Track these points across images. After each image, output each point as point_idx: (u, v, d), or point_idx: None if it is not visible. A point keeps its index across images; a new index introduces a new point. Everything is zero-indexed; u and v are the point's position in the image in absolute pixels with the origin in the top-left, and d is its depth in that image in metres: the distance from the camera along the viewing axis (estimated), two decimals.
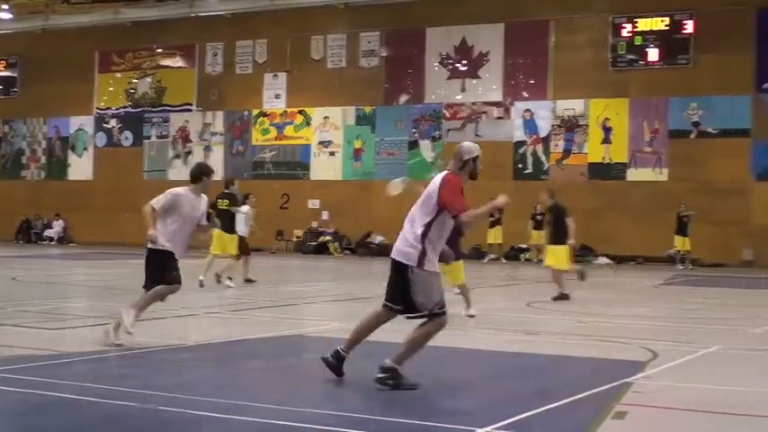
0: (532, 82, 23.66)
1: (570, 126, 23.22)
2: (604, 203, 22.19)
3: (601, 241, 22.00)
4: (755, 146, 21.96)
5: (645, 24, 22.49)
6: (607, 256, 22.04)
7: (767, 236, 21.24)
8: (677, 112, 22.50)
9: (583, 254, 22.46)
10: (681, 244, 20.71)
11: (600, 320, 10.03)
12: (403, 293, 5.32)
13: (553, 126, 23.40)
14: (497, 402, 5.46)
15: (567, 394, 5.48)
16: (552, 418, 4.90)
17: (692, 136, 22.41)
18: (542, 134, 23.46)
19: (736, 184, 21.75)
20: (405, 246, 5.33)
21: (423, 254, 5.28)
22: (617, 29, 22.70)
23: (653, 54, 22.46)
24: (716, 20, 21.82)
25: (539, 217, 19.86)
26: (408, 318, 5.43)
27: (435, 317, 5.30)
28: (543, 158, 23.36)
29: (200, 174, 7.01)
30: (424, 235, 5.34)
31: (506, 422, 4.56)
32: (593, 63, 22.99)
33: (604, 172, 22.77)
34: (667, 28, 22.37)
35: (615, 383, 5.93)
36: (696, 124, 22.27)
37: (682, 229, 20.49)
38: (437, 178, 5.53)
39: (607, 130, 22.86)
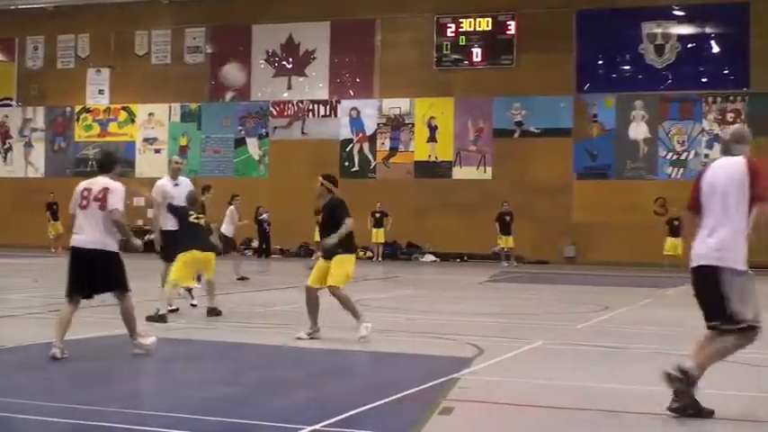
0: (359, 80, 23.95)
1: (396, 124, 23.51)
2: (430, 201, 22.44)
3: (426, 239, 22.24)
4: (576, 145, 22.57)
5: (469, 25, 22.95)
6: (433, 253, 22.17)
7: (587, 233, 21.93)
8: (501, 112, 23.04)
9: (409, 251, 22.57)
10: (504, 242, 20.98)
11: (427, 317, 10.33)
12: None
13: (379, 124, 23.69)
14: (325, 400, 5.57)
15: (394, 391, 5.64)
16: (380, 415, 5.06)
17: (516, 135, 22.89)
18: (369, 132, 23.70)
19: (558, 183, 22.30)
20: None
21: None
22: (441, 29, 23.15)
23: (477, 54, 22.92)
24: (538, 21, 22.48)
25: (378, 215, 21.12)
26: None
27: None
28: (370, 156, 23.50)
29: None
30: None
31: (334, 419, 4.70)
32: (418, 62, 23.32)
33: (430, 170, 23.03)
34: (490, 29, 22.86)
35: (442, 379, 6.19)
36: (519, 124, 22.81)
37: (504, 228, 20.80)
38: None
39: (433, 128, 23.23)
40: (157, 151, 24.94)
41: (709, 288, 5.19)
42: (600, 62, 22.94)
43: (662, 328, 10.45)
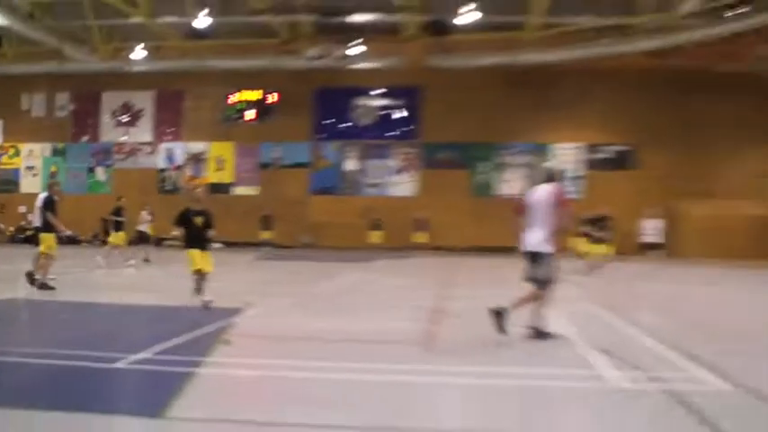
0: (173, 129, 33.72)
1: (197, 159, 33.64)
2: (219, 209, 32.11)
3: (217, 233, 32.53)
4: (311, 174, 33.29)
5: (246, 95, 32.69)
6: (222, 242, 32.39)
7: (319, 228, 31.49)
8: (266, 152, 33.23)
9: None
10: (267, 234, 30.63)
11: (213, 283, 10.71)
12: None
13: (186, 159, 33.68)
14: (134, 341, 7.08)
15: (189, 331, 7.56)
16: (180, 349, 6.69)
17: (274, 167, 33.24)
18: (178, 164, 33.91)
19: (301, 197, 32.69)
20: None
21: None
22: (227, 98, 32.54)
23: (251, 114, 32.34)
24: (290, 94, 31.62)
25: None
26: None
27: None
28: (178, 180, 33.78)
29: None
30: None
31: (142, 355, 6.32)
32: (212, 119, 32.69)
33: (219, 189, 32.45)
34: (260, 98, 32.26)
35: (222, 323, 8.25)
36: (277, 159, 33.38)
37: (266, 224, 30.81)
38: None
39: (220, 162, 33.51)
40: (35, 175, 33.77)
41: (535, 262, 8.02)
42: (328, 120, 32.33)
43: (371, 288, 14.51)
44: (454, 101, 30.60)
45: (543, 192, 8.12)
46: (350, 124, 32.71)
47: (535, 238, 8.02)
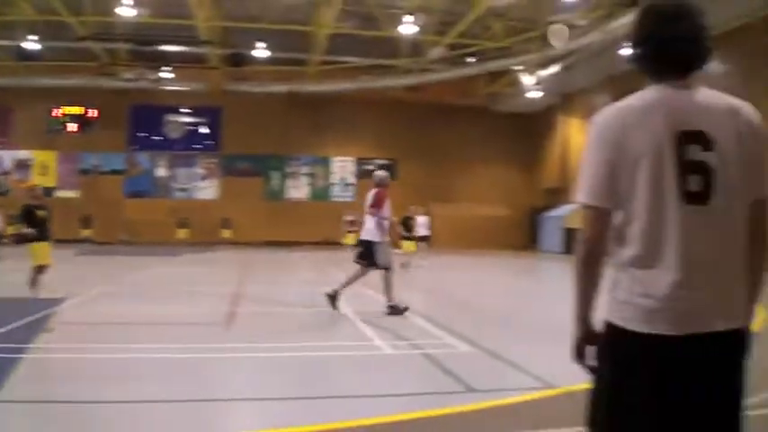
0: (3, 139, 35.94)
1: (23, 165, 36.57)
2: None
3: None
4: (126, 180, 37.78)
5: (69, 110, 35.72)
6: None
7: (134, 226, 34.90)
8: (86, 160, 37.25)
9: None
10: (88, 232, 34.23)
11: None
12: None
13: (13, 165, 36.82)
14: None
15: (14, 321, 7.77)
16: (3, 337, 7.02)
17: (93, 173, 37.46)
18: (5, 169, 37.01)
19: (117, 200, 37.01)
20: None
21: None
22: (52, 112, 36.15)
23: (73, 126, 36.04)
24: (110, 109, 35.34)
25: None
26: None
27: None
28: (7, 183, 36.75)
29: None
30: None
31: None
32: (38, 130, 36.10)
33: (46, 192, 36.93)
34: (81, 113, 35.93)
35: (46, 312, 8.64)
36: (96, 167, 37.29)
37: (86, 223, 34.52)
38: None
39: (44, 168, 36.78)
40: None
41: (367, 249, 9.69)
42: (142, 133, 36.77)
43: (179, 278, 15.29)
44: (250, 120, 36.27)
45: (372, 193, 10.01)
46: (161, 137, 37.42)
47: (366, 230, 9.90)
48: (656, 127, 2.07)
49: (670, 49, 2.14)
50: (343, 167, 38.85)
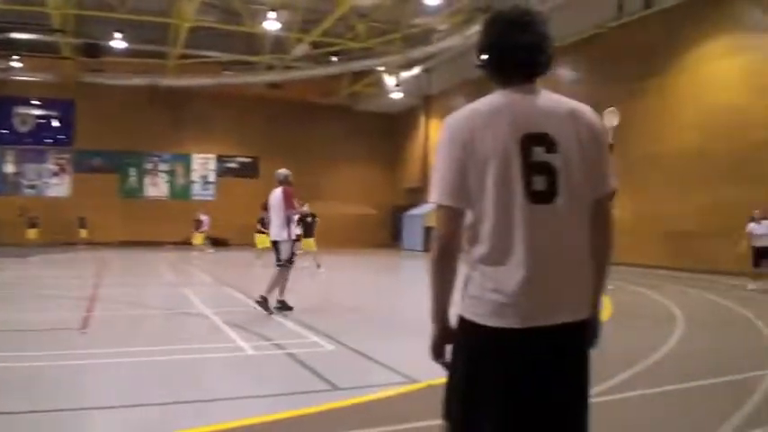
0: None
1: None
2: None
3: None
4: None
5: None
6: None
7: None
8: None
9: None
10: None
11: None
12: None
13: None
14: None
15: None
16: None
17: None
18: None
19: None
20: None
21: None
22: None
23: None
24: None
25: None
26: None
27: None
28: None
29: None
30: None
31: None
32: None
33: None
34: None
35: None
36: None
37: None
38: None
39: None
40: None
41: (276, 249, 9.86)
42: None
43: (31, 281, 14.53)
44: (106, 114, 34.51)
45: (277, 193, 10.02)
46: (8, 131, 35.08)
47: (275, 229, 9.92)
48: (503, 130, 2.15)
49: (514, 57, 2.24)
50: (203, 165, 37.97)
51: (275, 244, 9.90)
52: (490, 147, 2.13)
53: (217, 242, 33.24)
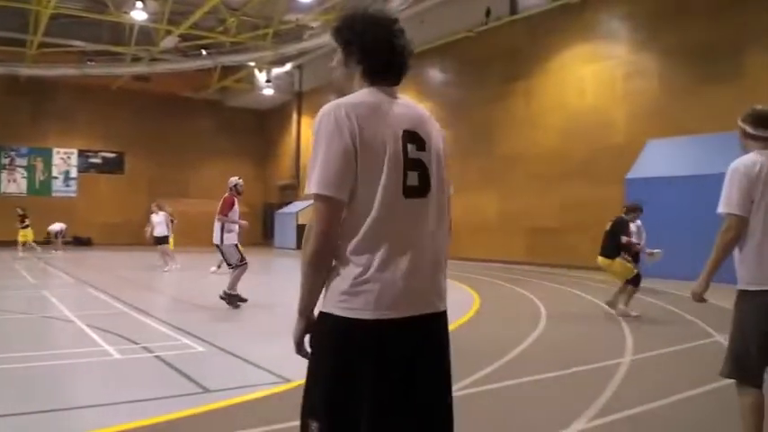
0: None
1: None
2: None
3: None
4: None
5: None
6: None
7: None
8: None
9: None
10: None
11: None
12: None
13: None
14: None
15: None
16: None
17: None
18: None
19: None
20: None
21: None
22: None
23: None
24: None
25: None
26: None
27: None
28: None
29: None
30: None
31: None
32: None
33: None
34: None
35: None
36: None
37: None
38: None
39: None
40: None
41: (220, 252, 10.84)
42: None
43: None
44: None
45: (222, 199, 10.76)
46: None
47: (214, 234, 10.62)
48: (385, 125, 2.19)
49: (395, 59, 2.31)
50: (65, 160, 36.06)
51: (217, 247, 10.78)
52: (378, 140, 2.14)
53: (80, 241, 31.78)
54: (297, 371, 5.27)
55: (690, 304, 8.65)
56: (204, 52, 32.10)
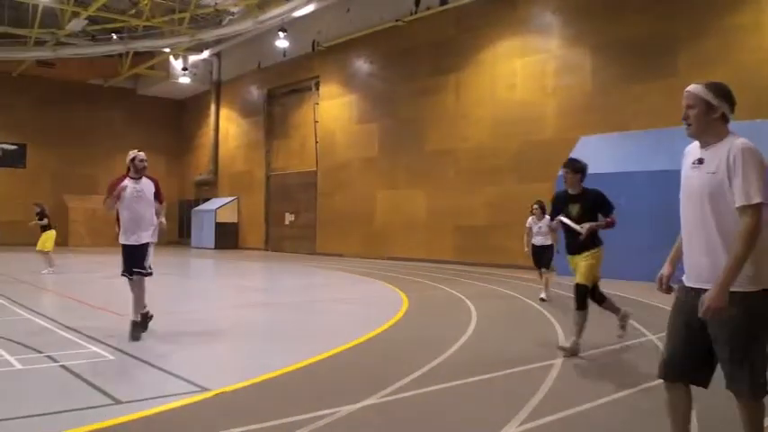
0: None
1: None
2: None
3: None
4: None
5: None
6: None
7: None
8: None
9: None
10: None
11: None
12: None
13: None
14: None
15: None
16: None
17: None
18: None
19: None
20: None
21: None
22: None
23: None
24: None
25: None
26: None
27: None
28: None
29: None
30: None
31: None
32: None
33: None
34: None
35: None
36: None
37: None
38: None
39: None
40: None
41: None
42: None
43: None
44: None
45: None
46: None
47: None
48: None
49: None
50: None
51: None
52: None
53: None
54: (214, 379, 5.57)
55: (625, 303, 8.61)
56: (115, 36, 30.19)
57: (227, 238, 32.66)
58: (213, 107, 36.05)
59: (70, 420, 4.54)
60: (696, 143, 3.31)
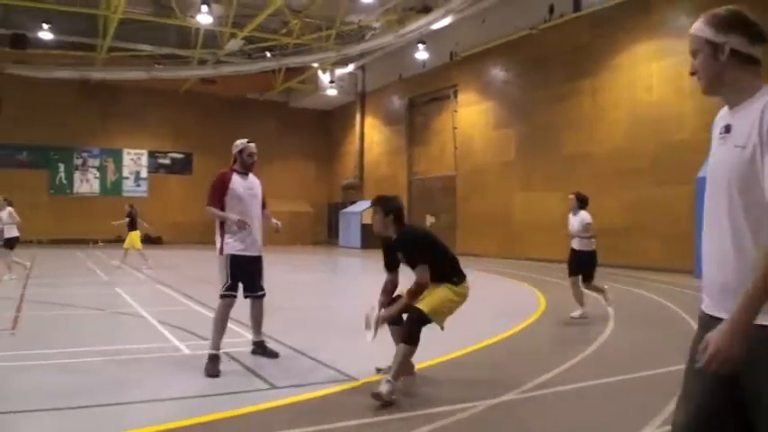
0: None
1: None
2: None
3: None
4: None
5: None
6: None
7: None
8: None
9: None
10: None
11: None
12: None
13: None
14: None
15: None
16: None
17: None
18: None
19: None
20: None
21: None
22: None
23: None
24: None
25: None
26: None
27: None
28: None
29: None
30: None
31: None
32: None
33: None
34: None
35: None
36: None
37: None
38: None
39: None
40: None
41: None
42: None
43: None
44: (33, 107, 33.53)
45: None
46: None
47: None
48: None
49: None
50: (135, 161, 37.18)
51: None
52: None
53: (151, 240, 32.68)
54: (363, 370, 5.84)
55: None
56: (268, 54, 32.55)
57: (373, 238, 33.97)
58: (358, 116, 38.06)
59: (234, 401, 5.00)
60: (726, 107, 2.27)
